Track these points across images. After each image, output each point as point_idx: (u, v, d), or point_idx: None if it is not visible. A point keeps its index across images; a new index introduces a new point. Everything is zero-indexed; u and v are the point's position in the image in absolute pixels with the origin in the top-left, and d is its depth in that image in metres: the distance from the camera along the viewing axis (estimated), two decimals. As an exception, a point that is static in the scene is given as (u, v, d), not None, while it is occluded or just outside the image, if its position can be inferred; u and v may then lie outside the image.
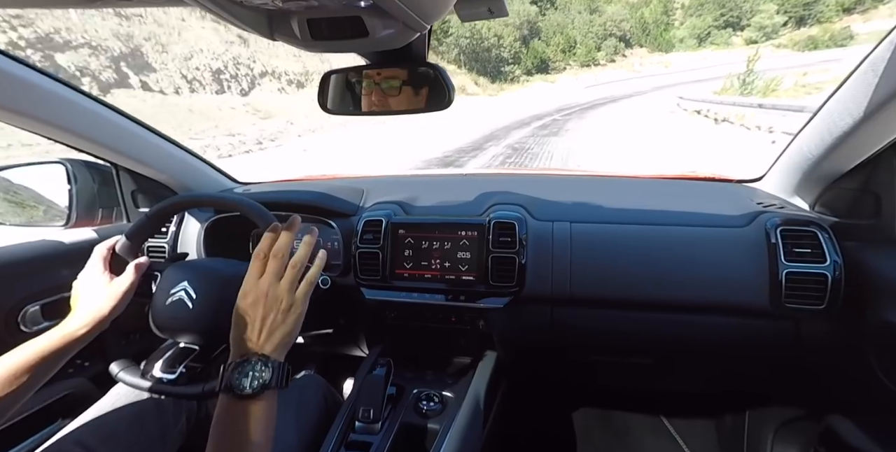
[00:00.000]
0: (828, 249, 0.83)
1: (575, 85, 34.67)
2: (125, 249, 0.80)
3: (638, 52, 49.63)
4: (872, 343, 0.79)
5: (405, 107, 0.76)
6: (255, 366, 0.55)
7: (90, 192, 1.13)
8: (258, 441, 0.54)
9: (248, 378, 0.54)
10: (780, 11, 50.88)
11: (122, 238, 0.81)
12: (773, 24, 50.17)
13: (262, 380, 0.54)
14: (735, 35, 51.96)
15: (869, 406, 0.86)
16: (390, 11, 0.45)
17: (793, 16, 51.15)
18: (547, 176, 1.44)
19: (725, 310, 0.91)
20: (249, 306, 0.58)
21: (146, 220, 0.81)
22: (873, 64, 0.66)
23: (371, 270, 1.04)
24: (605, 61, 47.89)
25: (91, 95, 0.94)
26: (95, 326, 0.71)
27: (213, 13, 0.44)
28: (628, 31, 50.48)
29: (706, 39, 52.16)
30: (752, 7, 51.67)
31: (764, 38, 49.69)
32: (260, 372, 0.55)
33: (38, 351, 0.65)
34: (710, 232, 0.93)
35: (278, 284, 0.59)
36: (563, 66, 46.99)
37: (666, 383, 1.27)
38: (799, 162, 0.91)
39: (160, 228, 1.02)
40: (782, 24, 50.39)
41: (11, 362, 0.63)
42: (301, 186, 1.30)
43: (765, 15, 50.20)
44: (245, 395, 0.54)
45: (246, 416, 0.54)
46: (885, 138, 0.72)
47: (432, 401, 0.94)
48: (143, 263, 0.80)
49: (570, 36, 48.21)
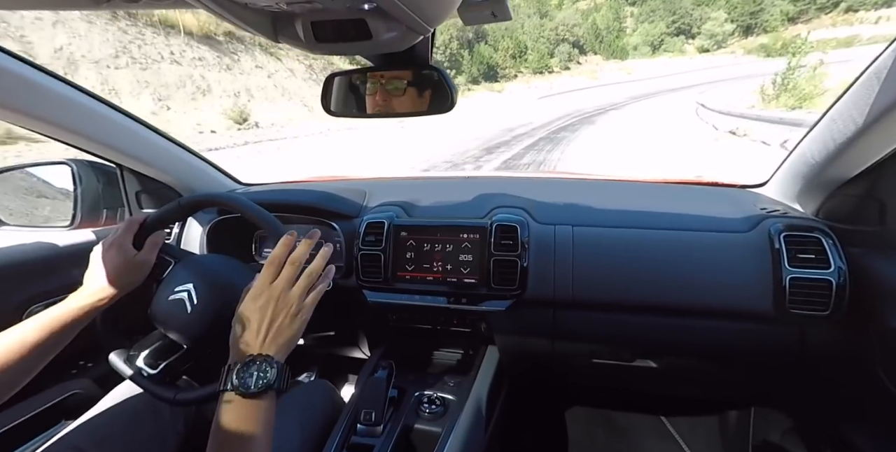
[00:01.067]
0: (832, 255, 0.82)
1: (527, 95, 26.55)
2: (153, 227, 0.80)
3: (593, 59, 47.84)
4: (878, 349, 0.78)
5: (409, 108, 0.77)
6: (261, 366, 0.56)
7: (95, 193, 1.14)
8: (260, 441, 0.54)
9: (253, 378, 0.55)
10: (729, 19, 51.38)
11: (150, 216, 0.81)
12: (723, 32, 50.57)
13: (267, 380, 0.55)
14: (687, 43, 52.08)
15: (875, 412, 0.85)
16: (394, 15, 0.46)
17: (740, 24, 51.83)
18: (549, 179, 1.44)
19: (728, 315, 0.91)
20: (259, 308, 0.59)
21: (177, 206, 0.81)
22: (877, 71, 0.66)
23: (373, 272, 1.04)
24: (560, 68, 44.88)
25: (96, 95, 0.94)
26: (110, 297, 0.72)
27: (218, 15, 0.45)
28: (581, 37, 48.54)
29: (660, 47, 51.80)
30: (702, 15, 51.87)
31: (715, 47, 50.28)
32: (264, 372, 0.56)
33: (51, 320, 0.66)
34: (713, 236, 0.93)
35: (290, 290, 0.61)
36: (513, 72, 42.84)
37: (669, 387, 1.27)
38: (803, 168, 0.91)
39: (185, 218, 1.02)
40: (730, 33, 50.94)
41: (21, 333, 0.64)
42: (303, 188, 1.30)
43: (715, 22, 50.50)
44: (250, 394, 0.54)
45: (249, 415, 0.55)
46: (889, 145, 0.71)
47: (434, 404, 0.94)
48: (161, 237, 0.81)
49: (521, 40, 44.65)
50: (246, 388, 0.54)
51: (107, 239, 0.75)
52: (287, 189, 1.32)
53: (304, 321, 0.62)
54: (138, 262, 0.76)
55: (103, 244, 0.75)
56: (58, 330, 0.66)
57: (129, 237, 0.76)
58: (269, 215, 0.78)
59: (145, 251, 0.77)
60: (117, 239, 0.75)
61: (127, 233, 0.76)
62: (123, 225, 0.77)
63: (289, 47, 0.56)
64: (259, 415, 0.55)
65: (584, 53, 48.50)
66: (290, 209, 1.12)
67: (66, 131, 0.90)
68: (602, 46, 50.42)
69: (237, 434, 0.54)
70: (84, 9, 0.59)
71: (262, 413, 0.55)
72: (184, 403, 0.73)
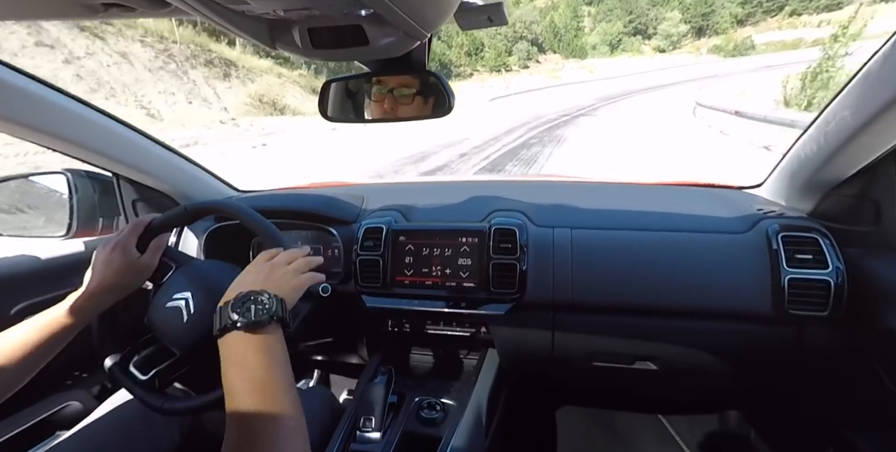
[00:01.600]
0: (830, 255, 0.83)
1: (478, 97, 19.32)
2: (157, 230, 0.80)
3: (553, 58, 46.33)
4: (876, 349, 0.78)
5: (413, 114, 0.78)
6: (258, 299, 0.54)
7: (91, 202, 1.13)
8: (281, 372, 0.51)
9: (251, 310, 0.53)
10: (683, 20, 51.94)
11: (154, 220, 0.80)
12: (678, 33, 51.03)
13: (268, 310, 0.53)
14: (644, 43, 52.38)
15: (874, 412, 0.85)
16: (390, 20, 0.46)
17: (693, 26, 52.53)
18: (547, 182, 1.44)
19: (728, 317, 0.91)
20: (256, 270, 0.62)
21: (183, 212, 0.80)
22: (871, 72, 0.67)
23: (372, 277, 1.03)
24: (519, 67, 41.96)
25: (90, 104, 0.94)
26: (109, 298, 0.72)
27: (215, 23, 0.45)
28: (540, 35, 46.75)
29: (618, 46, 51.85)
30: (658, 15, 52.22)
31: (671, 47, 50.66)
32: (262, 304, 0.53)
33: (50, 320, 0.66)
34: (710, 238, 0.93)
35: (287, 266, 0.64)
36: (468, 71, 39.55)
37: (669, 389, 1.26)
38: (799, 168, 0.92)
39: (190, 223, 1.03)
40: (684, 34, 51.66)
41: (21, 332, 0.64)
42: (301, 193, 1.30)
43: (670, 23, 50.78)
44: (252, 325, 0.52)
45: (259, 347, 0.52)
46: (883, 146, 0.72)
47: (434, 409, 0.94)
48: (164, 241, 0.80)
49: (476, 37, 41.48)
50: (247, 320, 0.51)
51: (110, 239, 0.75)
52: (285, 195, 1.32)
53: (297, 289, 0.62)
54: (140, 265, 0.75)
55: (106, 245, 0.74)
56: (57, 330, 0.66)
57: (134, 239, 0.76)
58: (272, 226, 0.78)
59: (148, 254, 0.77)
60: (121, 241, 0.74)
61: (131, 235, 0.76)
62: (129, 226, 0.77)
63: (130, 22, 0.54)
64: (270, 344, 0.52)
65: (543, 52, 47.20)
66: (288, 215, 1.12)
67: (62, 140, 0.90)
68: (561, 45, 49.50)
69: (252, 374, 0.50)
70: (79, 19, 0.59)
71: (273, 343, 0.52)
72: (171, 412, 0.72)
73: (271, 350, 0.52)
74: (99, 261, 0.73)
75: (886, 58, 0.64)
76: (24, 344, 0.63)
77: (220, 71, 13.76)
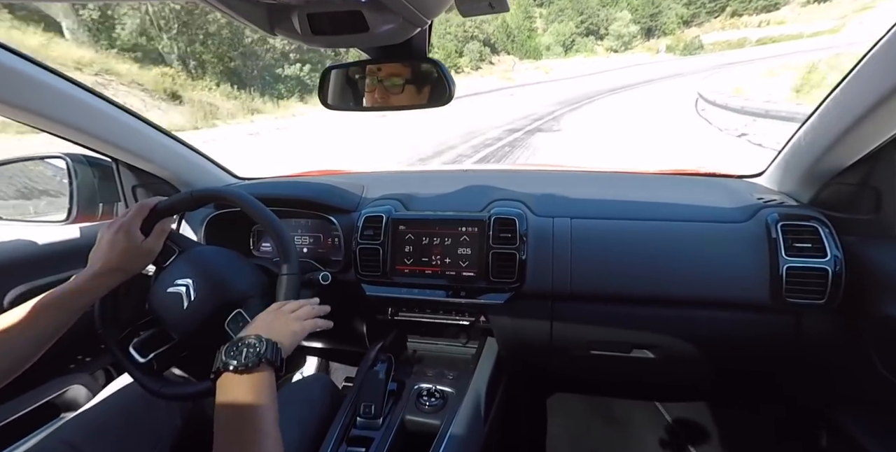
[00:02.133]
0: (828, 244, 0.83)
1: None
2: (162, 214, 0.80)
3: (506, 59, 44.15)
4: (873, 337, 0.79)
5: (407, 103, 0.77)
6: (249, 342, 0.58)
7: (91, 188, 1.13)
8: (265, 415, 0.54)
9: (242, 354, 0.56)
10: (633, 21, 51.72)
11: (159, 203, 0.80)
12: (629, 33, 50.79)
13: (258, 352, 0.57)
14: (597, 44, 51.90)
15: (871, 399, 0.86)
16: (390, 6, 0.45)
17: (643, 26, 52.36)
18: (547, 172, 1.44)
19: (726, 305, 0.92)
20: (263, 315, 0.68)
21: (189, 197, 0.80)
22: (873, 61, 0.67)
23: (372, 266, 1.04)
24: (470, 68, 39.03)
25: (91, 89, 0.93)
26: (112, 280, 0.72)
27: (214, 7, 0.44)
28: (492, 36, 44.34)
29: (572, 47, 51.03)
30: (608, 15, 51.68)
31: (623, 47, 50.36)
32: (254, 347, 0.57)
33: (54, 300, 0.66)
34: (710, 227, 0.93)
35: (293, 312, 0.70)
36: None
37: (667, 378, 1.28)
38: (799, 157, 0.91)
39: (195, 209, 1.03)
40: (634, 34, 51.51)
41: (27, 312, 0.64)
42: (301, 181, 1.30)
43: (621, 23, 50.40)
44: (242, 368, 0.55)
45: (248, 390, 0.55)
46: (884, 134, 0.72)
47: (433, 397, 0.95)
48: (169, 224, 0.81)
49: None
50: (238, 363, 0.55)
51: (115, 221, 0.74)
52: (285, 183, 1.32)
53: (298, 334, 0.67)
54: (144, 248, 0.75)
55: (111, 226, 0.74)
56: (61, 311, 0.66)
57: (138, 222, 0.76)
58: (273, 216, 0.79)
59: (152, 238, 0.77)
60: (126, 223, 0.74)
61: (136, 218, 0.75)
62: (133, 209, 0.76)
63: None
64: (258, 388, 0.55)
65: (496, 53, 44.98)
66: (288, 203, 1.12)
67: (62, 125, 0.90)
68: (514, 46, 47.59)
69: (239, 412, 0.53)
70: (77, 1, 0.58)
71: (261, 387, 0.56)
72: (168, 397, 0.73)
73: (258, 389, 0.56)
74: (103, 243, 0.73)
75: (888, 47, 0.63)
76: (27, 326, 0.63)
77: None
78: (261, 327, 0.64)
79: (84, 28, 14.84)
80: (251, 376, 0.56)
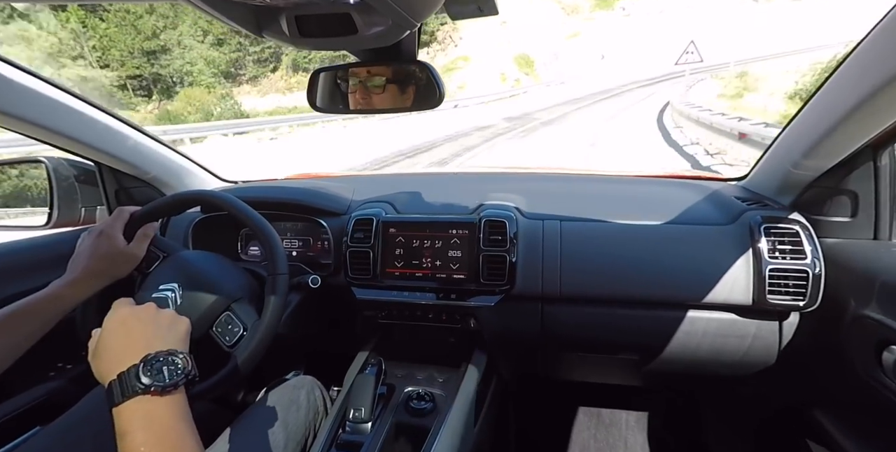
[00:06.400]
0: (809, 246, 0.85)
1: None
2: (142, 219, 0.79)
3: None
4: (850, 337, 0.81)
5: (390, 105, 0.76)
6: (173, 358, 0.50)
7: (72, 192, 1.11)
8: (193, 440, 0.48)
9: (165, 372, 0.48)
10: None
11: (141, 208, 0.79)
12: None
13: (181, 369, 0.49)
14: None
15: (850, 399, 0.88)
16: (379, 9, 0.45)
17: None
18: (537, 174, 1.45)
19: (711, 307, 0.93)
20: (116, 325, 0.55)
21: (171, 201, 0.79)
22: (849, 68, 0.69)
23: (362, 269, 1.03)
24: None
25: (73, 92, 0.91)
26: (92, 287, 0.70)
27: (200, 9, 0.44)
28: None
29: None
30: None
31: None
32: (177, 365, 0.49)
33: (28, 306, 0.64)
34: (696, 229, 0.95)
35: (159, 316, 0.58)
36: None
37: (653, 379, 1.29)
38: (782, 161, 0.93)
39: (178, 213, 1.01)
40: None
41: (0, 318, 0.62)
42: (290, 185, 1.28)
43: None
44: (168, 389, 0.47)
45: (174, 413, 0.48)
46: (860, 139, 0.74)
47: (423, 400, 0.94)
48: (152, 229, 0.79)
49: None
50: (162, 382, 0.47)
51: (95, 226, 0.73)
52: (274, 186, 1.31)
53: (187, 334, 0.58)
54: (126, 254, 0.74)
55: (91, 231, 0.73)
56: (38, 317, 0.64)
57: (120, 226, 0.74)
58: (261, 218, 0.77)
59: (135, 243, 0.75)
60: (106, 228, 0.72)
61: (116, 222, 0.74)
62: (114, 214, 0.75)
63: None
64: (182, 410, 0.49)
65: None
66: (277, 206, 1.11)
67: (42, 129, 0.88)
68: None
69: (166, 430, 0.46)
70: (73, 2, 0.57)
71: (184, 408, 0.49)
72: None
73: (182, 408, 0.49)
74: (84, 248, 0.71)
75: (864, 54, 0.65)
76: (2, 330, 0.61)
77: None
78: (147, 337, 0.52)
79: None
80: (172, 398, 0.48)
